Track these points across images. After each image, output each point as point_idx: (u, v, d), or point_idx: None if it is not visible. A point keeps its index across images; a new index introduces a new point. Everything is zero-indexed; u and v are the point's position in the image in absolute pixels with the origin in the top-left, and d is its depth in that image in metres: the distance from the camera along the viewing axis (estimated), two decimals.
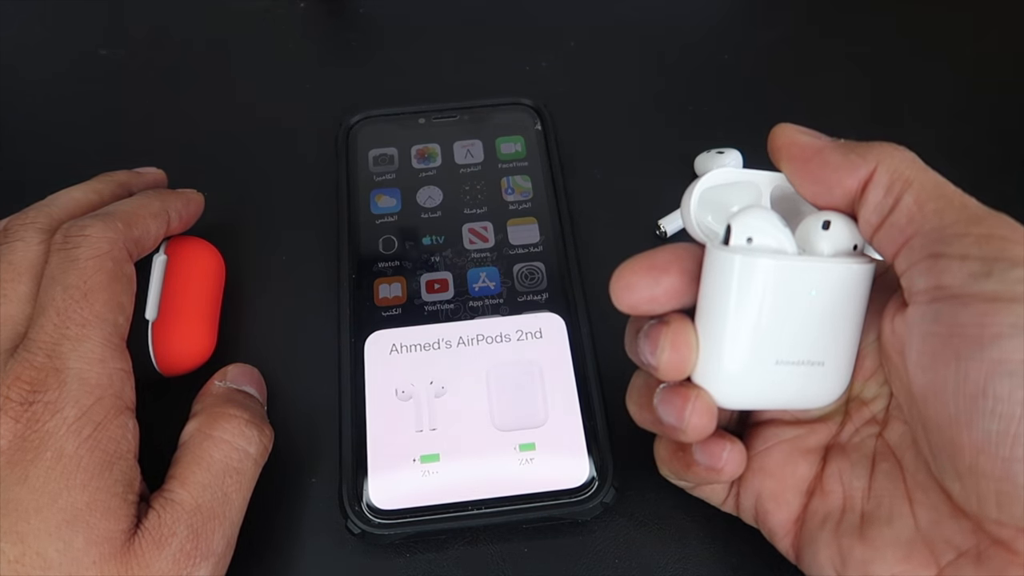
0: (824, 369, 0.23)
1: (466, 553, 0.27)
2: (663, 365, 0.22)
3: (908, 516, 0.22)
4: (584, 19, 0.41)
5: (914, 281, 0.21)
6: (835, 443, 0.24)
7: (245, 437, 0.25)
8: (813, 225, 0.22)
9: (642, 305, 0.23)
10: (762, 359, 0.22)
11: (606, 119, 0.37)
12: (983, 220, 0.20)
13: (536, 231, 0.32)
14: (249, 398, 0.27)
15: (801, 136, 0.23)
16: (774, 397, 0.23)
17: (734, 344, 0.22)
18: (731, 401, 0.23)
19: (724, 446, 0.23)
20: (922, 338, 0.20)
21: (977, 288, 0.19)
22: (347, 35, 0.41)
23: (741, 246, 0.22)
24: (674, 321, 0.23)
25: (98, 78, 0.39)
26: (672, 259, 0.23)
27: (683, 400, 0.22)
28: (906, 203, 0.21)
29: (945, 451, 0.20)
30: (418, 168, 0.34)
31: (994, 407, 0.19)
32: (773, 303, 0.21)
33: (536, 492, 0.26)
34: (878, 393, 0.24)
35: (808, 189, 0.22)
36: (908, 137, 0.36)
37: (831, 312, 0.22)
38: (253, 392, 0.28)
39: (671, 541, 0.27)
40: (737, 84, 0.39)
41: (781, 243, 0.22)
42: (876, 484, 0.23)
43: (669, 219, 0.33)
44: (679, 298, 0.23)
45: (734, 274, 0.21)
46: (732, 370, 0.22)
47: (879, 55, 0.40)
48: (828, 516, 0.23)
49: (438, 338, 0.29)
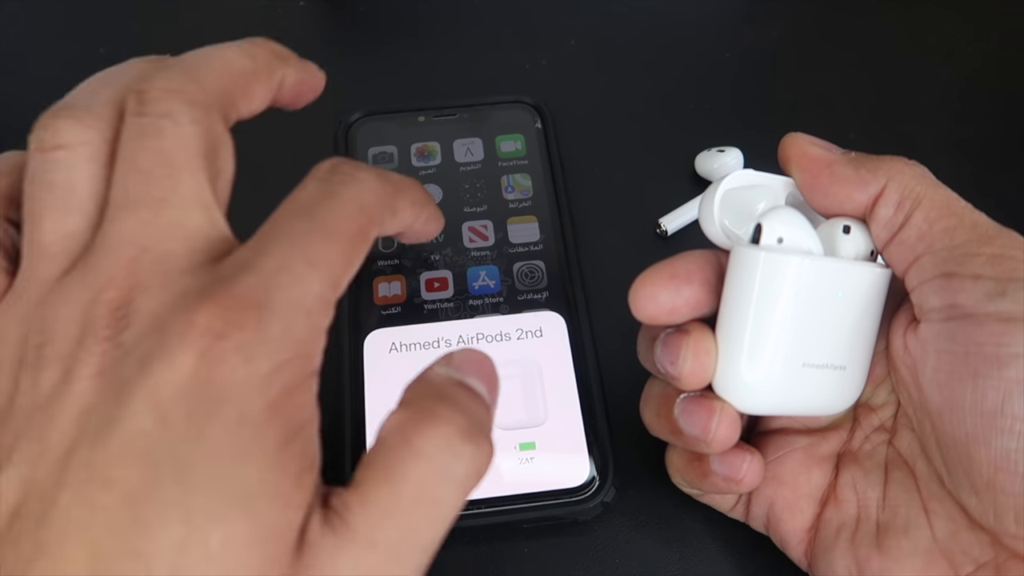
0: (845, 374, 0.23)
1: (466, 553, 0.27)
2: (685, 374, 0.22)
3: (925, 527, 0.22)
4: (584, 17, 0.41)
5: (926, 299, 0.21)
6: (847, 451, 0.24)
7: (454, 453, 0.18)
8: (834, 229, 0.22)
9: (662, 316, 0.22)
10: (791, 361, 0.22)
11: (606, 117, 0.37)
12: (994, 239, 0.20)
13: (536, 230, 0.32)
14: (473, 397, 0.19)
15: (812, 148, 0.23)
16: (796, 402, 0.23)
17: (763, 345, 0.21)
18: (754, 406, 0.22)
19: (744, 457, 0.23)
20: (937, 356, 0.20)
21: (992, 308, 0.19)
22: (347, 33, 0.41)
23: (773, 245, 0.21)
24: (694, 330, 0.22)
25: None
26: (693, 268, 0.23)
27: (708, 412, 0.22)
28: (916, 221, 0.21)
29: (961, 466, 0.20)
30: (418, 166, 0.34)
31: (1012, 425, 0.19)
32: (804, 303, 0.21)
33: (536, 491, 0.26)
34: (887, 400, 0.24)
35: (819, 202, 0.23)
36: (908, 136, 0.37)
37: (855, 315, 0.22)
38: (480, 389, 0.20)
39: (672, 541, 0.27)
40: (737, 82, 0.39)
41: (810, 244, 0.22)
42: (891, 493, 0.23)
43: (670, 217, 0.33)
44: (699, 308, 0.23)
45: (768, 273, 0.21)
46: (758, 373, 0.22)
47: (879, 54, 0.39)
48: (843, 526, 0.23)
49: (438, 337, 0.29)
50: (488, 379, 0.20)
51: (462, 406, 0.19)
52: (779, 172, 0.24)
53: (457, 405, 0.18)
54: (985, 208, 0.21)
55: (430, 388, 0.19)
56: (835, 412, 0.24)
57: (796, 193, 0.23)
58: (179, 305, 0.17)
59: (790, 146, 0.23)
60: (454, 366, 0.20)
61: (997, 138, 0.36)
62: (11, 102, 0.39)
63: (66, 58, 0.40)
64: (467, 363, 0.20)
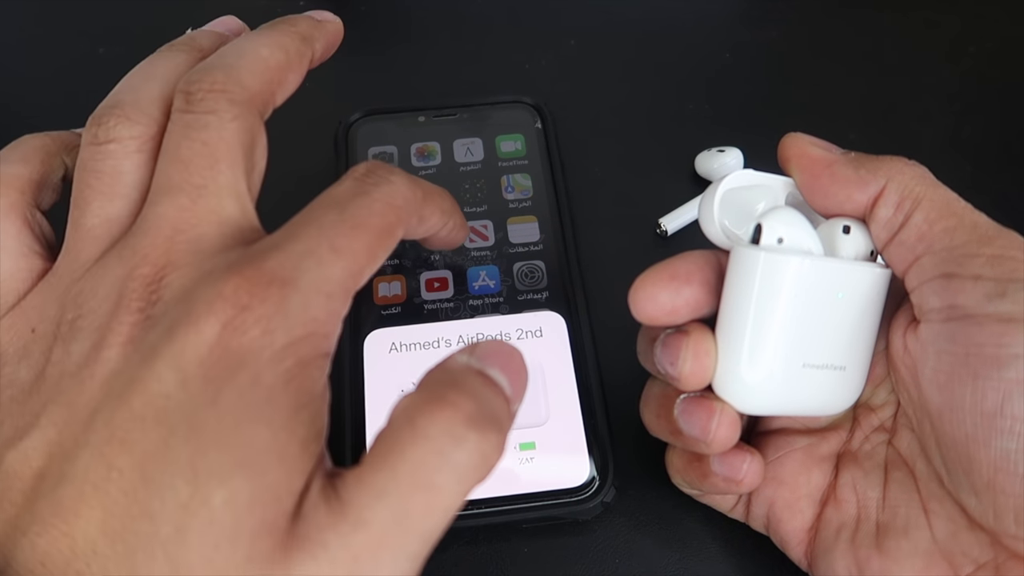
0: (845, 374, 0.23)
1: (466, 553, 0.27)
2: (685, 375, 0.22)
3: (925, 527, 0.22)
4: (584, 17, 0.41)
5: (926, 299, 0.21)
6: (846, 450, 0.24)
7: (455, 438, 0.17)
8: (834, 229, 0.22)
9: (662, 317, 0.22)
10: (791, 361, 0.22)
11: (606, 117, 0.37)
12: (994, 240, 0.20)
13: (536, 229, 0.32)
14: (489, 387, 0.19)
15: (812, 148, 0.23)
16: (796, 402, 0.23)
17: (764, 346, 0.21)
18: (754, 406, 0.22)
19: (744, 458, 0.23)
20: (937, 356, 0.20)
21: (992, 309, 0.19)
22: (347, 33, 0.41)
23: (773, 245, 0.21)
24: (694, 330, 0.22)
25: (98, 77, 0.39)
26: (693, 269, 0.22)
27: (708, 413, 0.22)
28: (916, 221, 0.21)
29: (960, 466, 0.20)
30: (418, 166, 0.34)
31: (1011, 426, 0.19)
32: (804, 303, 0.21)
33: (536, 491, 0.26)
34: (886, 400, 0.24)
35: (818, 203, 0.23)
36: (907, 135, 0.37)
37: (855, 315, 0.22)
38: (501, 380, 0.19)
39: (672, 541, 0.27)
40: (737, 82, 0.39)
41: (809, 244, 0.22)
42: (891, 494, 0.23)
43: (670, 217, 0.33)
44: (699, 309, 0.23)
45: (768, 273, 0.21)
46: (758, 373, 0.22)
47: (879, 53, 0.39)
48: (843, 526, 0.23)
49: (438, 337, 0.29)
50: (513, 372, 0.20)
51: (474, 393, 0.18)
52: (779, 172, 0.24)
53: (468, 392, 0.18)
54: (984, 208, 0.21)
55: (446, 374, 0.19)
56: (835, 412, 0.24)
57: (796, 193, 0.23)
58: (208, 279, 0.18)
59: (790, 146, 0.23)
60: (477, 355, 0.19)
61: (996, 138, 0.36)
62: (10, 102, 0.39)
63: (66, 58, 0.40)
64: (491, 354, 0.20)
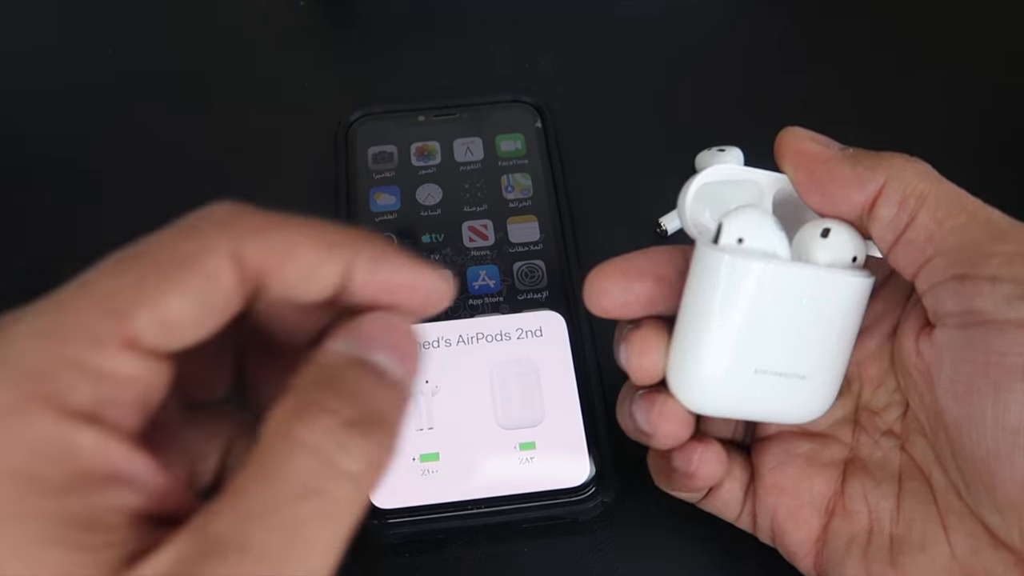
0: (806, 383, 0.22)
1: (466, 553, 0.27)
2: (632, 369, 0.22)
3: (943, 543, 0.20)
4: (585, 16, 0.41)
5: (941, 303, 0.20)
6: (854, 457, 0.23)
7: (339, 444, 0.15)
8: (812, 232, 0.22)
9: (614, 310, 0.22)
10: (741, 366, 0.21)
11: (606, 116, 0.37)
12: (1009, 236, 0.19)
13: (536, 229, 0.32)
14: (371, 379, 0.16)
15: (809, 144, 0.21)
16: (749, 407, 0.22)
17: (712, 346, 0.21)
18: (704, 406, 0.22)
19: (696, 449, 0.23)
20: (954, 365, 0.19)
21: (1013, 314, 0.18)
22: (346, 32, 0.41)
23: (731, 246, 0.21)
24: (644, 326, 0.22)
25: (98, 77, 0.39)
26: (647, 265, 0.22)
27: (651, 405, 0.22)
28: (923, 220, 0.20)
29: (981, 483, 0.19)
30: (418, 166, 0.34)
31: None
32: (758, 308, 0.21)
33: (536, 491, 0.26)
34: (890, 401, 0.23)
35: (814, 200, 0.21)
36: (909, 134, 0.36)
37: (820, 324, 0.21)
38: (388, 365, 0.17)
39: (672, 541, 0.27)
40: (738, 81, 0.38)
41: (774, 246, 0.21)
42: (905, 505, 0.22)
43: (670, 217, 0.33)
44: (654, 304, 0.22)
45: (720, 274, 0.21)
46: (708, 374, 0.21)
47: (881, 52, 0.39)
48: (854, 539, 0.22)
49: (438, 336, 0.29)
50: (400, 349, 0.17)
51: (353, 392, 0.16)
52: (775, 169, 0.23)
53: (346, 392, 0.16)
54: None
55: (320, 372, 0.16)
56: (798, 421, 0.23)
57: (788, 189, 0.22)
58: None
59: (786, 141, 0.22)
60: (356, 339, 0.17)
61: (996, 138, 0.36)
62: (11, 103, 0.39)
63: (72, 59, 0.40)
64: (374, 334, 0.17)
